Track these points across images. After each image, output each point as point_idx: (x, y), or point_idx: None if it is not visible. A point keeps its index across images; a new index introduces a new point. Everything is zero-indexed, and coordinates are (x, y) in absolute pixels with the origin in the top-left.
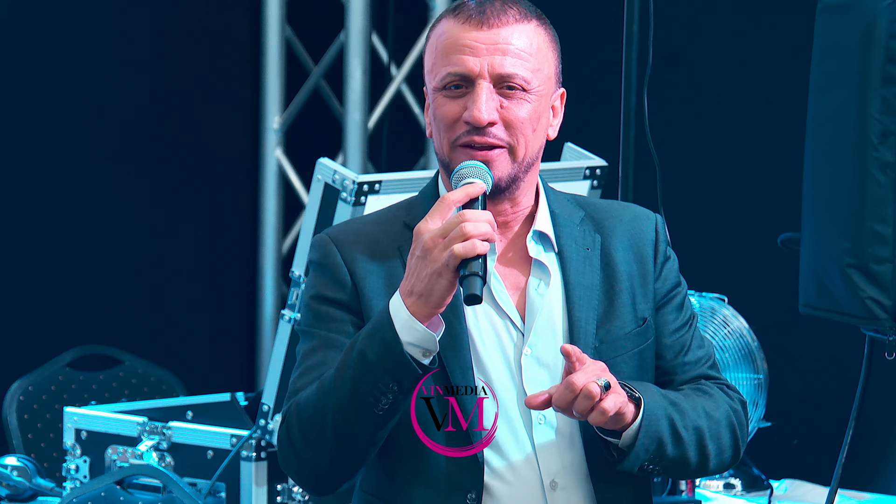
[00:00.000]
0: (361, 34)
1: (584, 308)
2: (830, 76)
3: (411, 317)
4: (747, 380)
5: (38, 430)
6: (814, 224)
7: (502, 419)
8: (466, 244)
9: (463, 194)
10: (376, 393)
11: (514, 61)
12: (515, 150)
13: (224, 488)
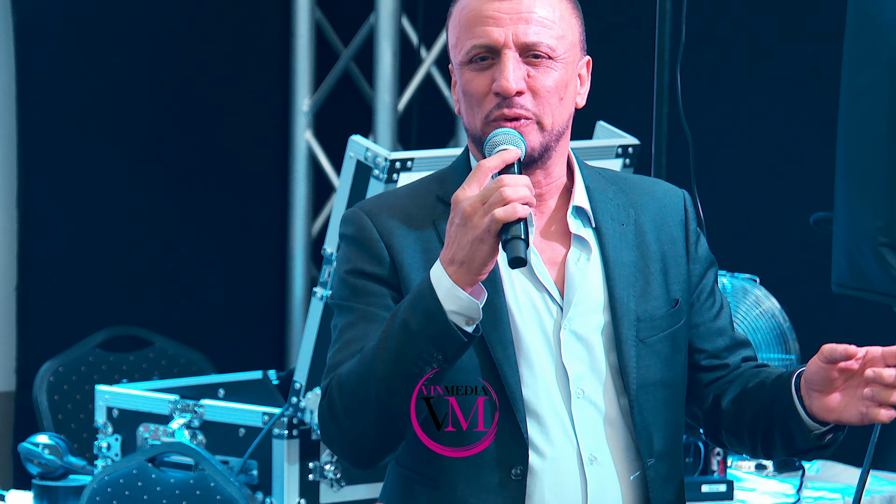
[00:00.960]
0: (391, 16)
1: (623, 285)
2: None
3: (454, 285)
4: (779, 360)
5: (69, 411)
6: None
7: (542, 391)
8: (507, 208)
9: (499, 160)
10: (420, 363)
11: (538, 29)
12: (543, 119)
13: (256, 466)
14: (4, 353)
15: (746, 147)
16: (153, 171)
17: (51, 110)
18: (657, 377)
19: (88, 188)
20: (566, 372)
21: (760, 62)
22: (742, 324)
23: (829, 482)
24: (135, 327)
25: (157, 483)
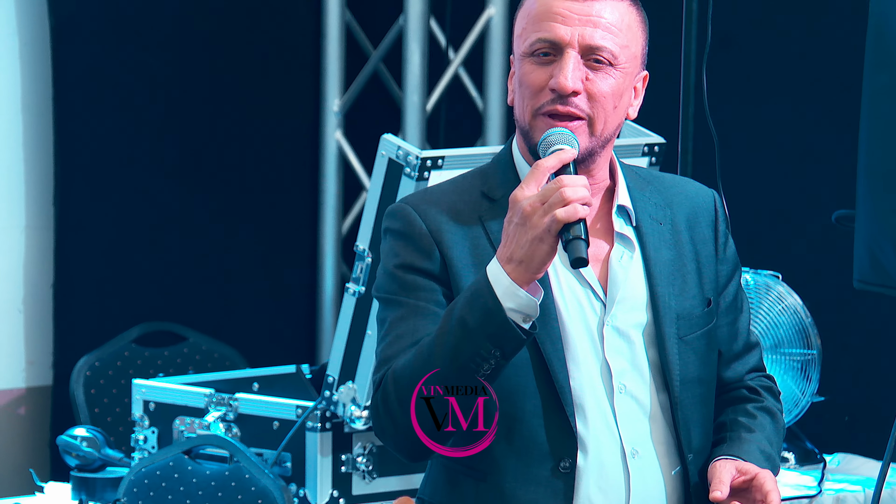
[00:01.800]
0: (420, 18)
1: (664, 283)
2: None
3: (513, 283)
4: (801, 355)
5: (105, 405)
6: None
7: (588, 385)
8: (568, 208)
9: (556, 160)
10: (478, 359)
11: (603, 34)
12: (594, 123)
13: (290, 458)
14: (42, 349)
15: (770, 146)
16: (187, 170)
17: (86, 111)
18: (695, 374)
19: (123, 187)
20: (609, 367)
21: (784, 63)
22: (765, 319)
23: (850, 474)
24: (169, 323)
25: (192, 475)
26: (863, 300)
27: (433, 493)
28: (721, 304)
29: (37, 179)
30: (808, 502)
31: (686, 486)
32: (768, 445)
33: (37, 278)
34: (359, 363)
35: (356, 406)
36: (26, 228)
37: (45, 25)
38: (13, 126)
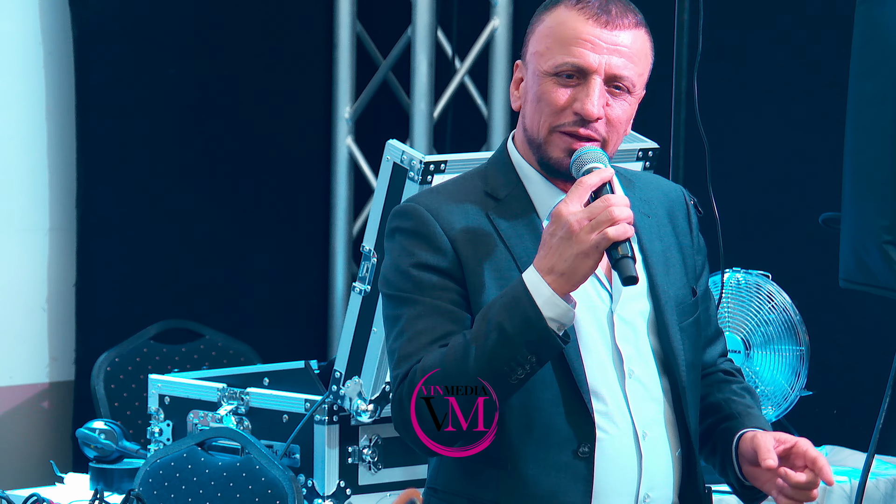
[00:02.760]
0: (427, 29)
1: (660, 273)
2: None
3: (554, 294)
4: (790, 351)
5: (124, 399)
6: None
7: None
8: (618, 228)
9: (598, 178)
10: (513, 364)
11: (627, 63)
12: (608, 144)
13: (298, 450)
14: (64, 346)
15: (759, 151)
16: (204, 174)
17: (107, 117)
18: (690, 359)
19: (143, 190)
20: (620, 354)
21: (772, 71)
22: (756, 317)
23: (837, 466)
24: (186, 321)
25: (205, 466)
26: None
27: (448, 483)
28: (698, 292)
29: (60, 183)
30: None
31: (687, 465)
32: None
33: (60, 278)
34: (365, 359)
35: (362, 400)
36: (50, 231)
37: (68, 36)
38: (38, 132)
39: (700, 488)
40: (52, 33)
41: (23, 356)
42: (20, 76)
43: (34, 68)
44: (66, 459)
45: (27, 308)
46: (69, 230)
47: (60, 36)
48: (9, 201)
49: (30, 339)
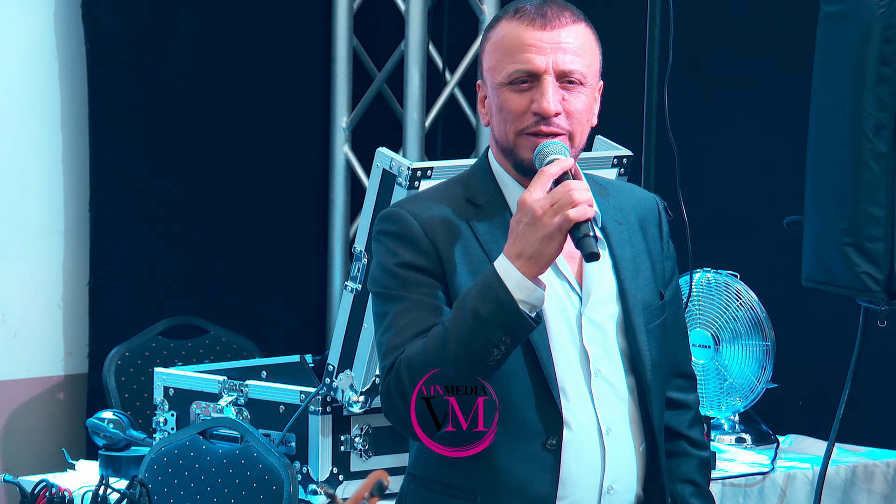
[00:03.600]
0: (419, 44)
1: (629, 278)
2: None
3: (523, 277)
4: (757, 346)
5: (134, 391)
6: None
7: (568, 374)
8: (579, 209)
9: (559, 167)
10: (489, 346)
11: (573, 58)
12: (574, 137)
13: (294, 438)
14: (78, 341)
15: (726, 157)
16: (210, 180)
17: (118, 127)
18: (657, 359)
19: (152, 195)
20: (587, 354)
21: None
22: (725, 314)
23: (801, 453)
24: (192, 317)
25: (207, 453)
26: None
27: (426, 470)
28: (666, 295)
29: (74, 189)
30: (762, 478)
31: (651, 459)
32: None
33: (74, 278)
34: (356, 353)
35: (353, 392)
36: (65, 233)
37: (81, 51)
38: (54, 141)
39: (663, 481)
40: (66, 48)
41: (40, 350)
42: (37, 88)
43: (50, 81)
44: (79, 447)
45: (44, 306)
46: (83, 233)
47: (74, 50)
48: (26, 206)
49: (46, 335)
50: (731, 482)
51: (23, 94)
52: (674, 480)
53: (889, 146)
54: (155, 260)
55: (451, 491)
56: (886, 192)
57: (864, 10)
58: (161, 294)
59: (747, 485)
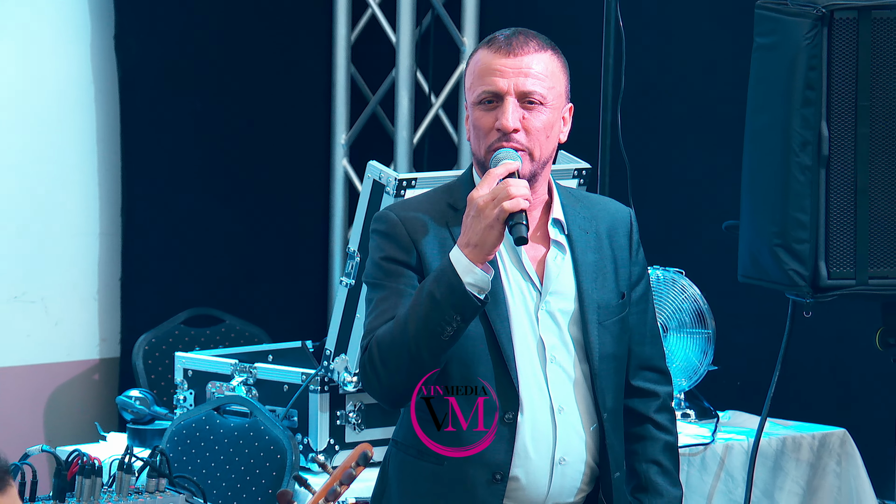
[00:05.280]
0: (408, 71)
1: (588, 279)
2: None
3: (470, 262)
4: (700, 334)
5: (159, 372)
6: (749, 213)
7: (525, 359)
8: (513, 201)
9: (504, 169)
10: (443, 324)
11: (533, 81)
12: (533, 152)
13: (296, 414)
14: (112, 329)
15: (672, 169)
16: (226, 189)
17: (146, 142)
18: (611, 351)
19: (176, 202)
20: (543, 342)
21: (683, 104)
22: (671, 306)
23: (738, 427)
24: (210, 308)
25: (220, 427)
26: (746, 291)
27: (405, 436)
28: (633, 296)
29: (108, 196)
30: (703, 449)
31: (601, 439)
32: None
33: (108, 274)
34: (350, 340)
35: (347, 373)
36: (100, 235)
37: (114, 76)
38: (90, 154)
39: (612, 459)
40: (101, 73)
41: (78, 337)
42: (75, 108)
43: (86, 102)
44: (112, 422)
45: (81, 298)
46: (115, 235)
47: (108, 75)
48: (66, 211)
49: (84, 324)
50: None
51: (63, 113)
52: (640, 461)
53: (813, 160)
54: (178, 258)
55: (423, 456)
56: (811, 200)
57: (792, 41)
58: (183, 288)
59: (691, 454)
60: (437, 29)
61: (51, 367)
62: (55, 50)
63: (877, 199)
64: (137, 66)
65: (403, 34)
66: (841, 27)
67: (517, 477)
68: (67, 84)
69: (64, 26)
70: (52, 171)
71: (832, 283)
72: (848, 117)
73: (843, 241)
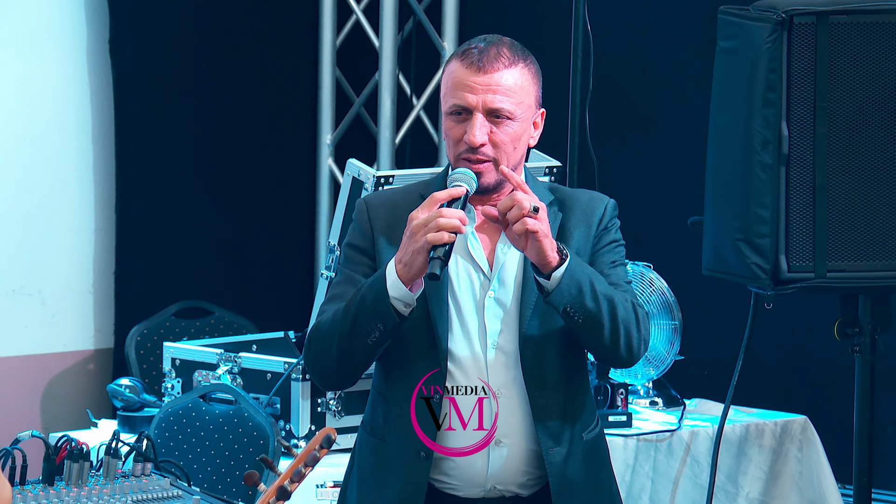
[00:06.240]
0: (391, 74)
1: None
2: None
3: (398, 279)
4: (667, 325)
5: (150, 362)
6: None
7: (466, 340)
8: (437, 234)
9: (446, 195)
10: (369, 328)
11: (502, 98)
12: (500, 162)
13: (279, 401)
14: (106, 321)
15: (638, 166)
16: (216, 187)
17: (140, 142)
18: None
19: (168, 199)
20: (486, 326)
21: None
22: (640, 298)
23: (703, 414)
24: (200, 301)
25: (206, 413)
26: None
27: (367, 416)
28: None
29: (103, 194)
30: (670, 435)
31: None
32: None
33: (103, 268)
34: None
35: None
36: (95, 231)
37: (108, 78)
38: (86, 154)
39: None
40: (96, 76)
41: (74, 329)
42: (71, 110)
43: (82, 103)
44: (105, 410)
45: (77, 291)
46: (110, 231)
47: (103, 78)
48: (62, 208)
49: (79, 316)
50: (644, 438)
51: (60, 115)
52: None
53: (774, 158)
54: (170, 254)
55: (374, 433)
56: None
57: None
58: (175, 282)
59: (658, 440)
60: (419, 34)
61: (47, 357)
62: (52, 53)
63: (835, 196)
64: (131, 68)
65: (386, 39)
66: (800, 31)
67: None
68: (64, 86)
69: (60, 31)
70: (50, 169)
71: (792, 276)
72: (807, 117)
73: (803, 235)
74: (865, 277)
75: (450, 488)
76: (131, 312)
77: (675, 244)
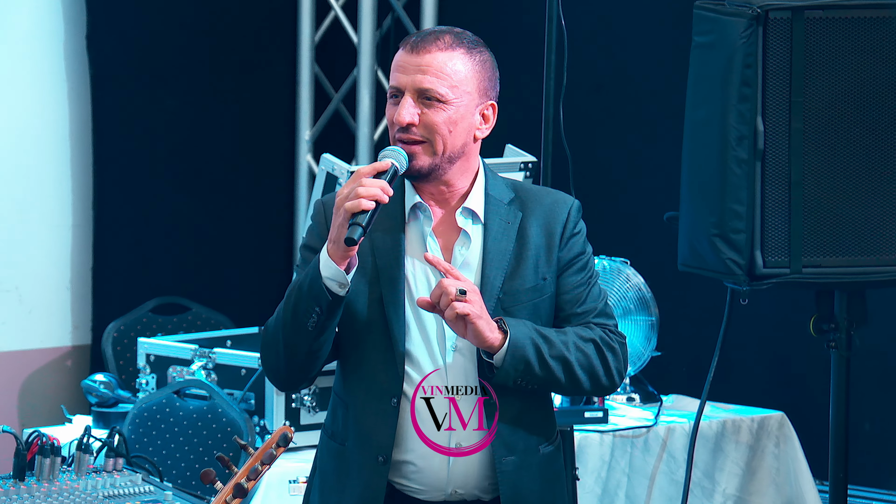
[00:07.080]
0: (369, 70)
1: (493, 268)
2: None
3: (329, 258)
4: (644, 321)
5: (127, 359)
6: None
7: (424, 342)
8: (354, 202)
9: (370, 168)
10: (308, 312)
11: (431, 79)
12: (434, 145)
13: (253, 397)
14: (83, 317)
15: (614, 162)
16: (194, 183)
17: (117, 139)
18: None
19: (145, 196)
20: (444, 329)
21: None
22: (617, 294)
23: (680, 410)
24: (177, 297)
25: (180, 409)
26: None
27: (328, 419)
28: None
29: (79, 190)
30: (647, 431)
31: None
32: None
33: (80, 264)
34: None
35: None
36: (72, 227)
37: (86, 74)
38: (63, 150)
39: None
40: (73, 72)
41: (51, 325)
42: (48, 106)
43: (59, 100)
44: (83, 406)
45: (55, 288)
46: (87, 227)
47: (80, 74)
48: (39, 204)
49: (57, 312)
50: (621, 434)
51: (37, 111)
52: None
53: (749, 153)
54: (147, 250)
55: (334, 437)
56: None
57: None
58: (152, 278)
59: (635, 436)
60: (397, 30)
61: (25, 353)
62: (29, 49)
63: (810, 191)
64: (108, 64)
65: (365, 35)
66: (775, 27)
67: (410, 461)
68: (41, 82)
69: (37, 26)
70: (27, 166)
71: (767, 271)
72: (782, 113)
73: (778, 231)
74: (841, 273)
75: (412, 491)
76: (108, 309)
77: (652, 240)
